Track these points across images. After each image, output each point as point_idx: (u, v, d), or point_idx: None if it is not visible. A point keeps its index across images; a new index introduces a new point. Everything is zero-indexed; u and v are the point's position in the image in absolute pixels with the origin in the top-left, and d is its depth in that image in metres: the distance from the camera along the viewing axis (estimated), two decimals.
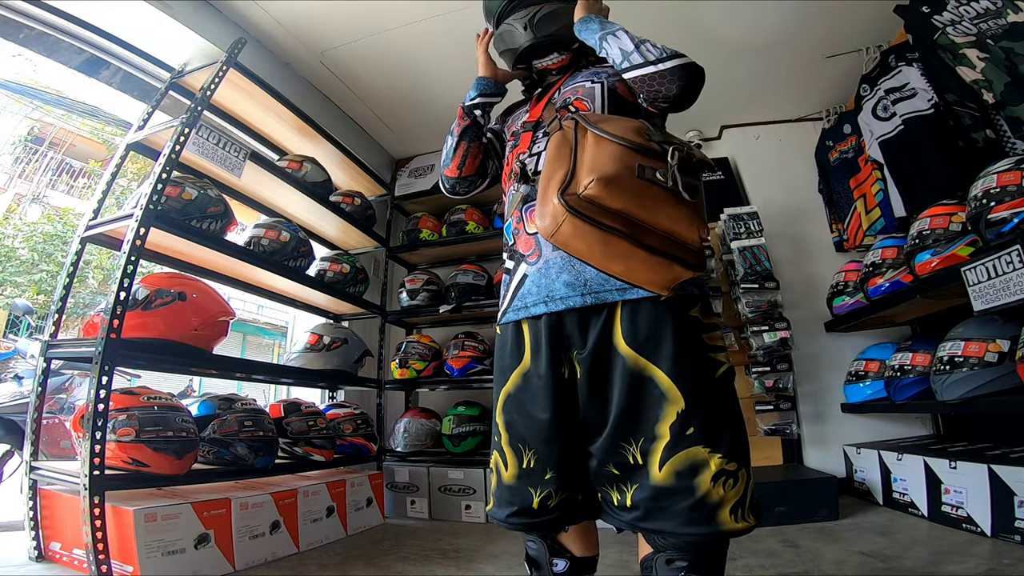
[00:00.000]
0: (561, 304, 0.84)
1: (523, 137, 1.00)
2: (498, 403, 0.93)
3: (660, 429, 0.78)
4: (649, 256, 0.74)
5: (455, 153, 1.11)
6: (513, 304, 0.92)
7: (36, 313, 3.21)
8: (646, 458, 0.79)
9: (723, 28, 2.20)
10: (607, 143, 0.76)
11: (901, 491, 2.00)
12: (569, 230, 0.73)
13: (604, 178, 0.72)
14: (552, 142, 0.82)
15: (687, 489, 0.75)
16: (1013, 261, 1.41)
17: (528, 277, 0.89)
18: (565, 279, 0.84)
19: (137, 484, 1.47)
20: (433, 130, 2.97)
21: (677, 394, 0.77)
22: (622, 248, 0.73)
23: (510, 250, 0.95)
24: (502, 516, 0.90)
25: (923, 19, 1.80)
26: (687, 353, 0.80)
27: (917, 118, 1.97)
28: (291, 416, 2.04)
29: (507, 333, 0.94)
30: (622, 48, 0.92)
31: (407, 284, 2.79)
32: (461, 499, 2.36)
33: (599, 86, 0.98)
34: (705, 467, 0.76)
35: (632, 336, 0.81)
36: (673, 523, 0.76)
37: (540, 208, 0.77)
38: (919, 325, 2.43)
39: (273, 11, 2.11)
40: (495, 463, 0.93)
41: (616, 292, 0.82)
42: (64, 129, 8.39)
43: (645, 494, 0.78)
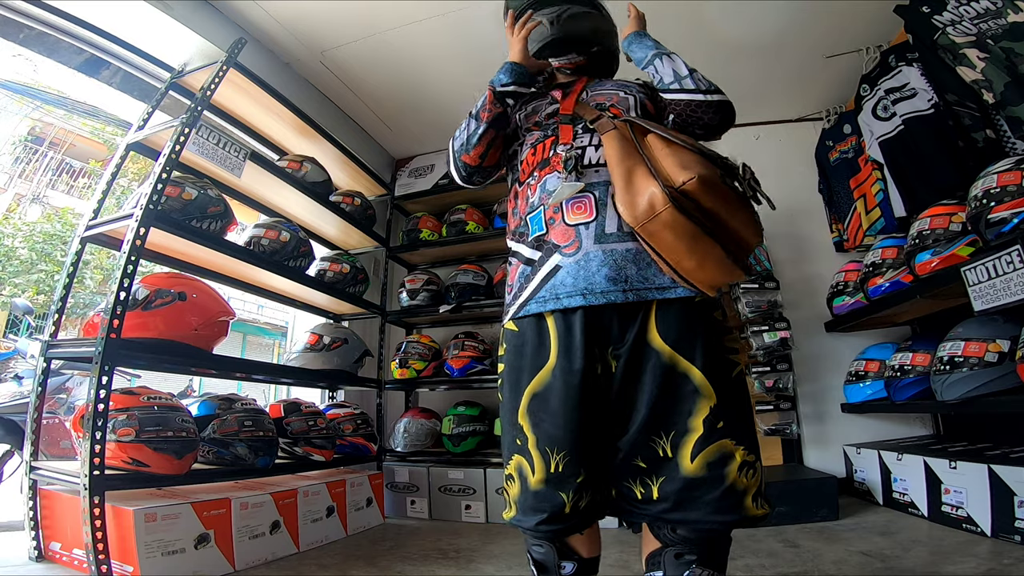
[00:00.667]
0: (602, 298, 0.84)
1: (562, 129, 0.98)
2: (521, 404, 0.88)
3: (693, 423, 0.80)
4: (724, 256, 0.79)
5: (480, 140, 1.04)
6: (538, 295, 0.90)
7: (36, 313, 3.21)
8: (676, 451, 0.81)
9: (723, 28, 2.20)
10: (681, 148, 0.81)
11: (901, 491, 2.00)
12: (667, 219, 0.77)
13: (702, 177, 0.76)
14: (612, 139, 0.87)
15: (718, 479, 0.78)
16: (1013, 261, 1.41)
17: (562, 268, 0.88)
18: (606, 273, 0.85)
19: (137, 484, 1.47)
20: (433, 130, 2.97)
21: (710, 389, 0.81)
22: (705, 245, 0.78)
23: (538, 240, 0.93)
24: (531, 524, 0.86)
25: (923, 19, 1.80)
26: (716, 352, 0.85)
27: (917, 118, 1.97)
28: (291, 416, 2.04)
29: (526, 328, 0.91)
30: (676, 70, 0.96)
31: (407, 284, 2.79)
32: (461, 499, 2.36)
33: (632, 98, 1.01)
34: (732, 459, 0.80)
35: (667, 333, 0.83)
36: (703, 512, 0.78)
37: (627, 197, 0.80)
38: (919, 325, 2.43)
39: (273, 11, 2.11)
40: (517, 468, 0.89)
41: (655, 291, 0.85)
42: (64, 129, 8.40)
43: (675, 486, 0.80)
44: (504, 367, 0.96)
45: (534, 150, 1.01)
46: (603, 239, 0.87)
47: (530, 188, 0.98)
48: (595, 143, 0.93)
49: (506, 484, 0.93)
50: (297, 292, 2.42)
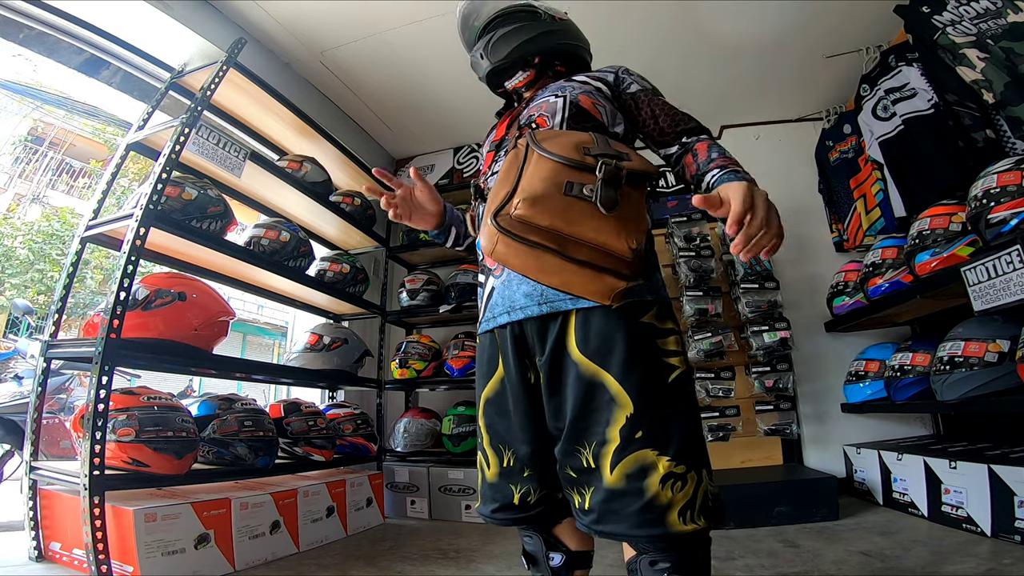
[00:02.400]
0: (521, 313, 0.88)
1: (486, 157, 1.04)
2: (479, 407, 0.98)
3: (610, 433, 0.79)
4: (578, 268, 0.76)
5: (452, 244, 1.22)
6: (485, 314, 0.97)
7: (36, 313, 3.21)
8: (598, 461, 0.80)
9: (723, 28, 2.20)
10: (545, 161, 0.79)
11: (901, 491, 2.00)
12: (503, 249, 0.77)
13: (530, 198, 0.75)
14: (505, 162, 0.85)
15: (637, 491, 0.76)
16: (1013, 261, 1.41)
17: (495, 290, 0.94)
18: (524, 290, 0.89)
19: (137, 484, 1.47)
20: (433, 130, 2.97)
21: (627, 399, 0.79)
22: (553, 263, 0.76)
23: (481, 265, 1.00)
24: (487, 512, 0.94)
25: (923, 19, 1.80)
26: (638, 359, 0.81)
27: (917, 118, 1.97)
28: (291, 416, 2.04)
29: (484, 342, 0.99)
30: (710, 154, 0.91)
31: (407, 284, 2.79)
32: (461, 499, 2.36)
33: (561, 99, 0.98)
34: (653, 470, 0.77)
35: (584, 343, 0.83)
36: (624, 525, 0.77)
37: (482, 229, 0.82)
38: (919, 325, 2.43)
39: (273, 11, 2.11)
40: (479, 463, 0.98)
41: (569, 301, 0.84)
42: (64, 129, 8.40)
43: (600, 497, 0.79)
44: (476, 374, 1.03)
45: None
46: None
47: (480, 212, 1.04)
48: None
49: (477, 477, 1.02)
50: (297, 292, 2.42)
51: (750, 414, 2.44)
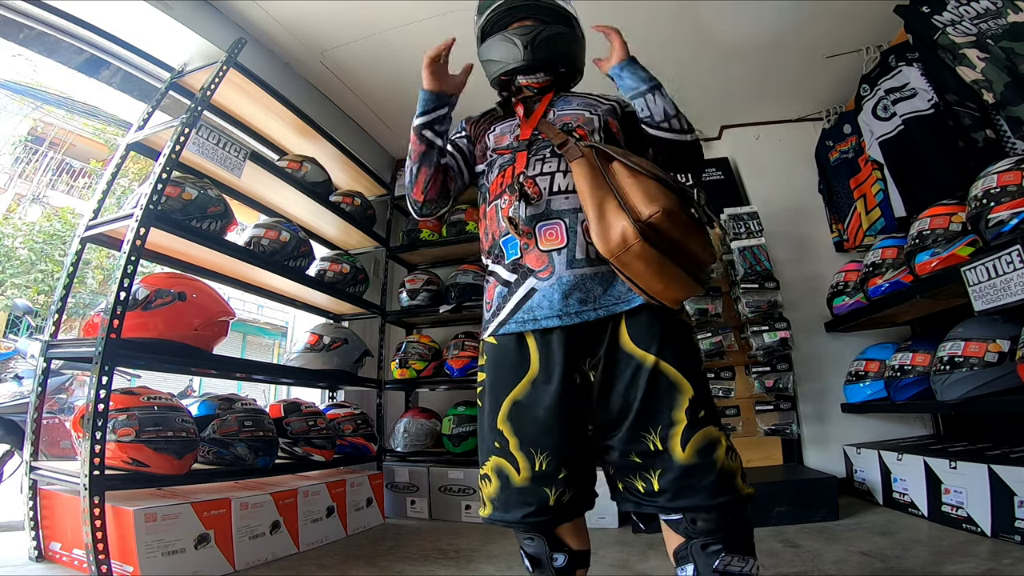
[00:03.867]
0: (576, 318, 0.92)
1: (519, 156, 1.03)
2: (501, 411, 0.95)
3: (677, 415, 0.87)
4: (687, 278, 0.88)
5: (417, 178, 1.11)
6: (516, 316, 0.96)
7: (36, 313, 3.21)
8: (666, 443, 0.87)
9: (723, 28, 2.20)
10: (645, 178, 0.88)
11: (901, 491, 2.00)
12: (637, 251, 0.84)
13: (667, 211, 0.84)
14: (580, 167, 0.92)
15: (710, 464, 0.85)
16: (1013, 261, 1.41)
17: (537, 291, 0.95)
18: (578, 296, 0.92)
19: (137, 484, 1.47)
20: None
21: (686, 383, 0.88)
22: (672, 271, 0.87)
23: (513, 264, 0.99)
24: (517, 517, 0.93)
25: (923, 19, 1.80)
26: (685, 348, 0.93)
27: (917, 118, 1.97)
28: (291, 416, 2.04)
29: (506, 343, 0.98)
30: (666, 110, 1.03)
31: (407, 284, 2.79)
32: (461, 499, 2.36)
33: (597, 118, 1.06)
34: (718, 444, 0.87)
35: (639, 338, 0.91)
36: (702, 496, 0.84)
37: (601, 230, 0.87)
38: (919, 325, 2.43)
39: (273, 11, 2.11)
40: (495, 469, 0.96)
41: (622, 304, 0.92)
42: (64, 129, 8.40)
43: (672, 475, 0.86)
44: (485, 377, 1.01)
45: (503, 174, 1.04)
46: (574, 264, 0.93)
47: (500, 210, 1.02)
48: (563, 168, 0.98)
49: (480, 483, 1.00)
50: (297, 292, 2.42)
51: (750, 414, 2.44)
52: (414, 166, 1.11)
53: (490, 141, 1.13)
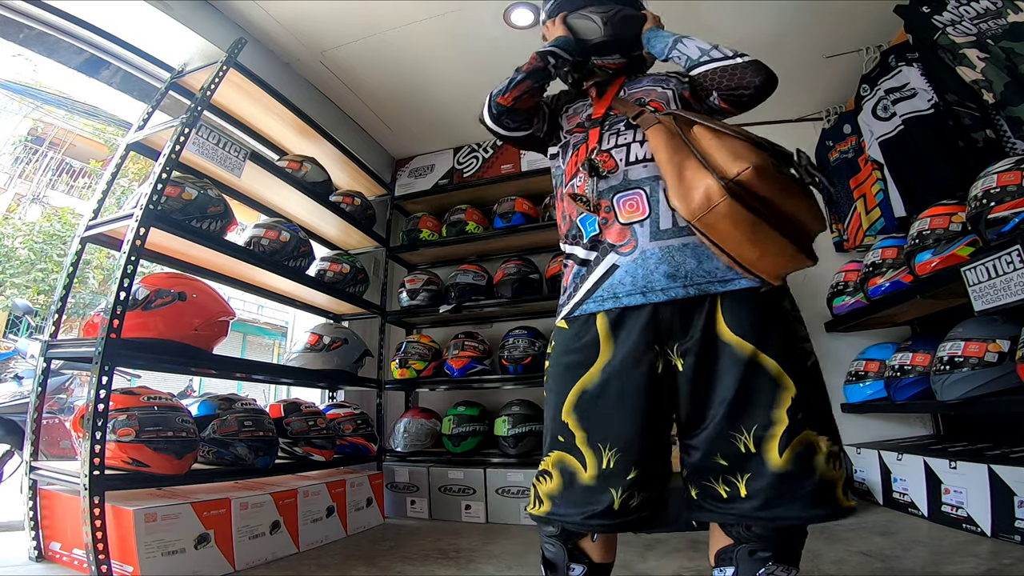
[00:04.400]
0: (662, 295, 0.84)
1: (591, 133, 0.99)
2: (566, 401, 0.88)
3: (776, 415, 0.78)
4: (786, 243, 0.78)
5: (516, 86, 1.03)
6: (596, 294, 0.89)
7: (36, 313, 3.21)
8: (760, 445, 0.79)
9: (723, 28, 2.20)
10: (731, 137, 0.80)
11: (901, 491, 2.00)
12: (724, 211, 0.76)
13: (757, 167, 0.75)
14: (657, 133, 0.86)
15: (808, 472, 0.77)
16: (1013, 261, 1.41)
17: (619, 267, 0.88)
18: (664, 270, 0.84)
19: (137, 484, 1.47)
20: (433, 130, 2.97)
21: (789, 380, 0.80)
22: (766, 234, 0.77)
23: (592, 240, 0.93)
24: (578, 519, 0.85)
25: (923, 19, 1.80)
26: (790, 342, 0.84)
27: (917, 118, 1.97)
28: (291, 416, 2.04)
29: (579, 327, 0.91)
30: (700, 47, 0.99)
31: (407, 284, 2.79)
32: (461, 499, 2.36)
33: (670, 92, 1.03)
34: (818, 450, 0.78)
35: (738, 325, 0.82)
36: (798, 507, 0.76)
37: (681, 191, 0.79)
38: (919, 325, 2.43)
39: (273, 11, 2.11)
40: (558, 464, 0.88)
41: (718, 284, 0.83)
42: (64, 129, 8.40)
43: (764, 482, 0.78)
44: (550, 365, 0.95)
45: (576, 153, 1.01)
46: (659, 236, 0.86)
47: (576, 189, 0.97)
48: (639, 139, 0.93)
49: (539, 479, 0.92)
50: (297, 292, 2.42)
51: None
52: (518, 76, 1.03)
53: (564, 123, 1.10)
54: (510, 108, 1.04)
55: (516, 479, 2.28)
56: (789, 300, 0.89)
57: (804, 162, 0.79)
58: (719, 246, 0.80)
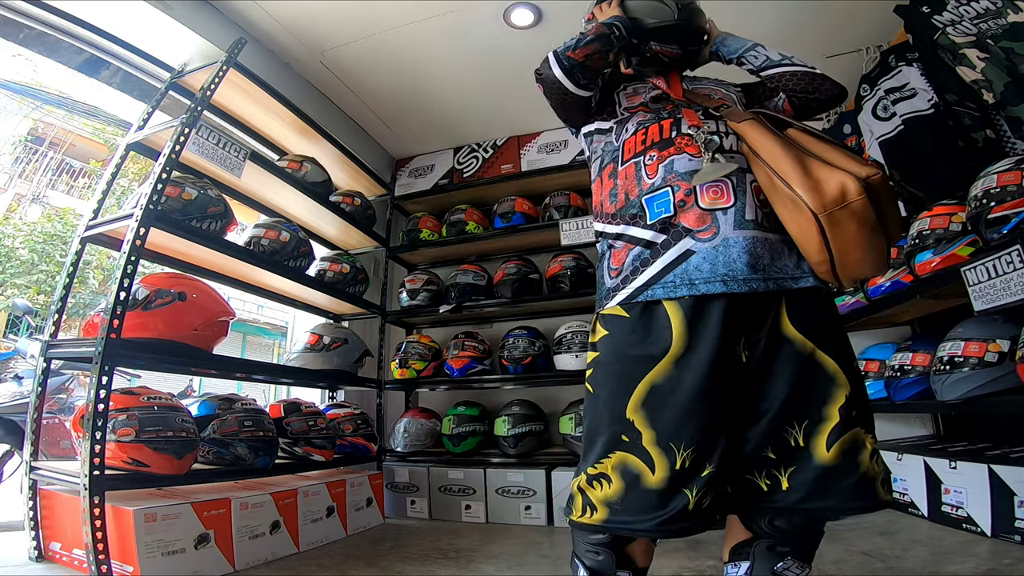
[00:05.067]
0: (744, 286, 0.82)
1: (686, 112, 0.96)
2: (633, 396, 0.82)
3: (829, 411, 0.80)
4: (884, 254, 0.82)
5: (587, 44, 0.99)
6: (665, 279, 0.85)
7: (36, 313, 3.21)
8: (808, 440, 0.81)
9: (723, 28, 2.19)
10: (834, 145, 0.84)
11: (901, 491, 2.00)
12: (857, 209, 0.77)
13: (880, 175, 0.78)
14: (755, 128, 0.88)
15: (852, 467, 0.79)
16: (1013, 261, 1.41)
17: (696, 253, 0.85)
18: (746, 260, 0.83)
19: (137, 484, 1.47)
20: (433, 130, 2.97)
21: (844, 378, 0.82)
22: (878, 239, 0.79)
23: (662, 223, 0.88)
24: (649, 525, 0.79)
25: (923, 19, 1.80)
26: (843, 341, 0.86)
27: (917, 118, 1.97)
28: (291, 416, 2.04)
29: (641, 314, 0.86)
30: (781, 53, 1.05)
31: (407, 284, 2.79)
32: (461, 499, 2.36)
33: (733, 94, 1.06)
34: (864, 446, 0.80)
35: (800, 323, 0.83)
36: (838, 500, 0.79)
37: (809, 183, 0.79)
38: (919, 325, 2.43)
39: (273, 11, 2.11)
40: (620, 467, 0.82)
41: (791, 280, 0.85)
42: (64, 129, 8.40)
43: (810, 475, 0.80)
44: (602, 356, 0.89)
45: (646, 131, 0.96)
46: (743, 225, 0.85)
47: (644, 168, 0.93)
48: (723, 130, 0.93)
49: (590, 485, 0.85)
50: (297, 292, 2.42)
51: None
52: (586, 36, 1.00)
53: (622, 100, 1.07)
54: (583, 63, 0.99)
55: (516, 479, 2.28)
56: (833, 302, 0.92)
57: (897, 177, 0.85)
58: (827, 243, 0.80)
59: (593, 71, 1.01)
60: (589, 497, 0.85)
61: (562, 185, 2.82)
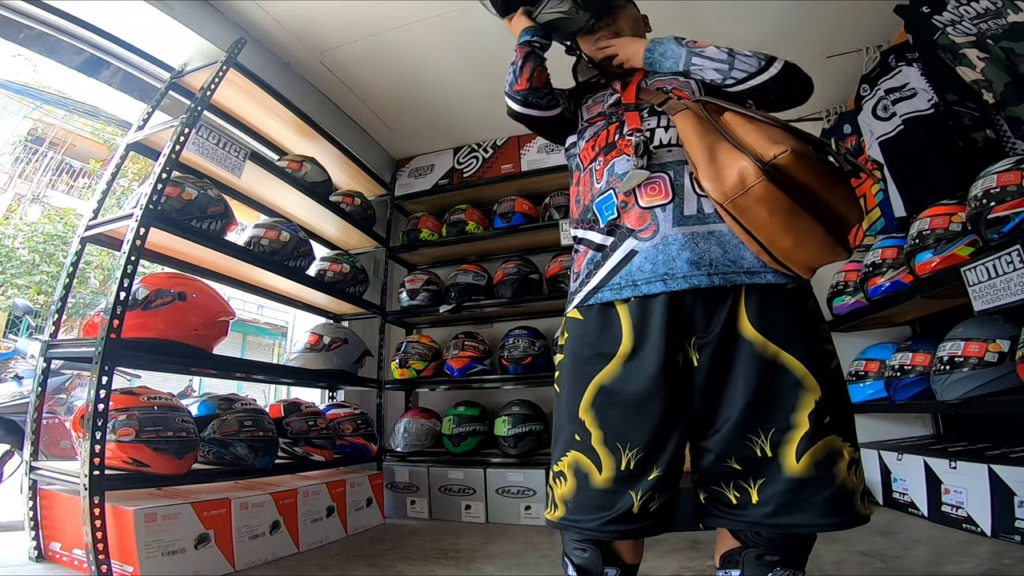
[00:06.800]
0: (684, 283, 0.79)
1: (628, 116, 0.95)
2: (583, 398, 0.83)
3: (797, 418, 0.75)
4: (824, 234, 0.74)
5: (522, 71, 1.04)
6: (612, 282, 0.85)
7: (36, 313, 3.21)
8: (777, 450, 0.75)
9: (722, 28, 2.20)
10: (764, 124, 0.77)
11: (901, 491, 2.00)
12: (759, 194, 0.72)
13: (796, 151, 0.72)
14: (686, 117, 0.83)
15: (827, 479, 0.74)
16: (1013, 261, 1.41)
17: (639, 253, 0.83)
18: (687, 256, 0.80)
19: (137, 484, 1.47)
20: (433, 130, 2.97)
21: (814, 382, 0.76)
22: (804, 223, 0.73)
23: (610, 225, 0.89)
24: (593, 525, 0.80)
25: (923, 19, 1.80)
26: (816, 342, 0.80)
27: (917, 118, 1.97)
28: (291, 416, 2.04)
29: (594, 317, 0.86)
30: (717, 67, 0.94)
31: (407, 284, 2.79)
32: (461, 499, 2.36)
33: (693, 82, 0.99)
34: (840, 456, 0.75)
35: (761, 322, 0.78)
36: (811, 515, 0.73)
37: (712, 171, 0.76)
38: (919, 325, 2.43)
39: (273, 11, 2.11)
40: (573, 466, 0.84)
41: (744, 275, 0.79)
42: (64, 129, 8.40)
43: (778, 488, 0.75)
44: (564, 358, 0.90)
45: (596, 138, 0.98)
46: (683, 221, 0.82)
47: (594, 173, 0.94)
48: (664, 124, 0.90)
49: (553, 482, 0.87)
50: (297, 292, 2.42)
51: None
52: (517, 64, 1.04)
53: (584, 112, 1.08)
54: (531, 87, 1.03)
55: (516, 479, 2.28)
56: (814, 300, 0.85)
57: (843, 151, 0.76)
58: (751, 233, 0.76)
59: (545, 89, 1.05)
60: (553, 494, 0.87)
61: (562, 185, 2.82)
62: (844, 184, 0.76)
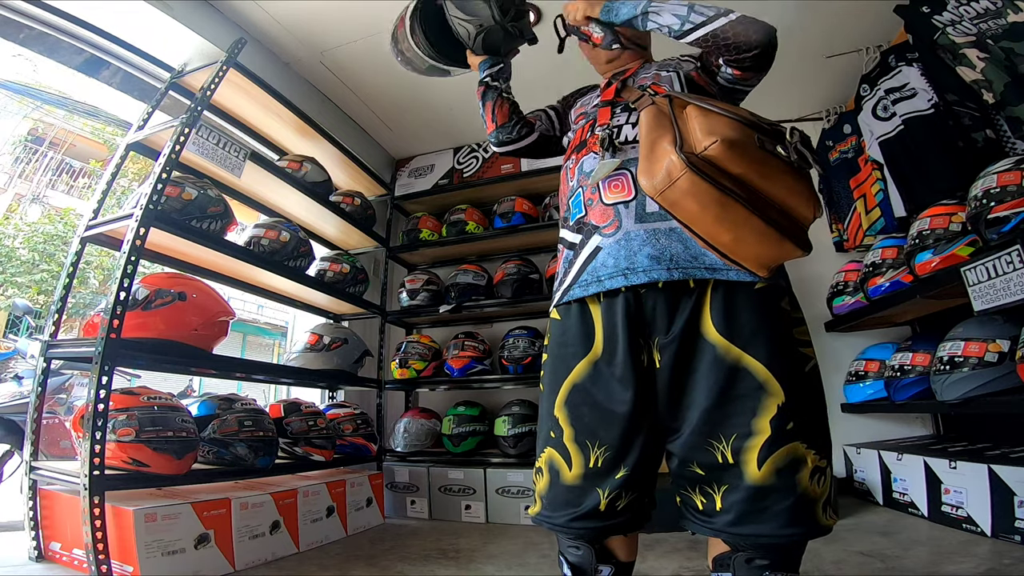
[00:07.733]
0: (644, 276, 0.79)
1: (600, 112, 0.95)
2: (558, 396, 0.84)
3: (758, 424, 0.73)
4: (764, 227, 0.70)
5: (484, 113, 1.15)
6: (581, 279, 0.86)
7: (36, 313, 3.21)
8: (738, 456, 0.74)
9: None
10: (716, 115, 0.74)
11: (901, 491, 2.00)
12: (685, 186, 0.70)
13: (727, 140, 0.70)
14: (647, 113, 0.81)
15: (788, 487, 0.72)
16: (1013, 261, 1.41)
17: (602, 249, 0.84)
18: (648, 252, 0.79)
19: (137, 484, 1.47)
20: (433, 130, 2.97)
21: (777, 386, 0.74)
22: (738, 214, 0.70)
23: (578, 223, 0.90)
24: (562, 521, 0.82)
25: (923, 19, 1.80)
26: (784, 345, 0.78)
27: (917, 118, 1.97)
28: (291, 416, 2.04)
29: (569, 316, 0.87)
30: (675, 13, 0.89)
31: (407, 284, 2.79)
32: (461, 499, 2.36)
33: (673, 74, 0.98)
34: (803, 464, 0.73)
35: (724, 323, 0.76)
36: (772, 525, 0.72)
37: (647, 166, 0.75)
38: (919, 325, 2.43)
39: (273, 11, 2.11)
40: (548, 462, 0.85)
41: (705, 271, 0.78)
42: (64, 129, 8.41)
43: (739, 496, 0.74)
44: (547, 357, 0.91)
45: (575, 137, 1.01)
46: (645, 218, 0.82)
47: (568, 172, 0.97)
48: (632, 121, 0.90)
49: (535, 478, 0.89)
50: (297, 292, 2.42)
51: None
52: (480, 106, 1.16)
53: (572, 115, 1.11)
54: (497, 126, 1.13)
55: (516, 479, 2.28)
56: (789, 299, 0.83)
57: (796, 140, 0.73)
58: (689, 227, 0.75)
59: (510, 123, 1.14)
60: (535, 490, 0.89)
61: None
62: (793, 176, 0.73)
